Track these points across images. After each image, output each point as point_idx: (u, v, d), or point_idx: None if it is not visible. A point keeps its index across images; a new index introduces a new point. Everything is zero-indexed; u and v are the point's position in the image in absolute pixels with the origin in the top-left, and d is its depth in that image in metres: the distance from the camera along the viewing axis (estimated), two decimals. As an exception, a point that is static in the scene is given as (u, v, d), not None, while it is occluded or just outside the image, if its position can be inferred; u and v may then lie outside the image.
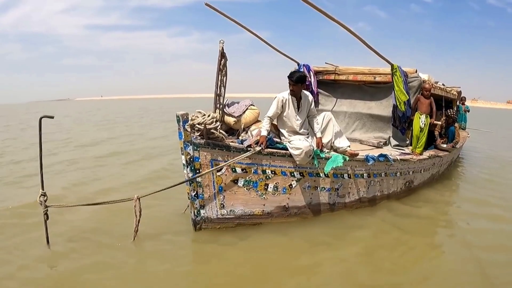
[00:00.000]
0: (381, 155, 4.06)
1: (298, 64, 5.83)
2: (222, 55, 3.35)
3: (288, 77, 3.59)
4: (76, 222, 3.66)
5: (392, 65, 4.53)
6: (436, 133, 5.55)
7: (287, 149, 3.51)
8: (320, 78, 6.05)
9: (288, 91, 3.69)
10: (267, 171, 3.53)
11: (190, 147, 3.24)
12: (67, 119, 19.70)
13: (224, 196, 3.47)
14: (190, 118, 3.23)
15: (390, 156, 4.14)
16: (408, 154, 4.69)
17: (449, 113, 5.29)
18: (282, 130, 3.82)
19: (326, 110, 6.00)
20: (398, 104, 4.63)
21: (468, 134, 8.17)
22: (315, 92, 6.05)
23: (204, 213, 3.44)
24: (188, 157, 3.26)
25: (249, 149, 3.37)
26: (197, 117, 3.31)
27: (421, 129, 4.67)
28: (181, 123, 3.16)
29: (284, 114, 3.73)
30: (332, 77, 5.88)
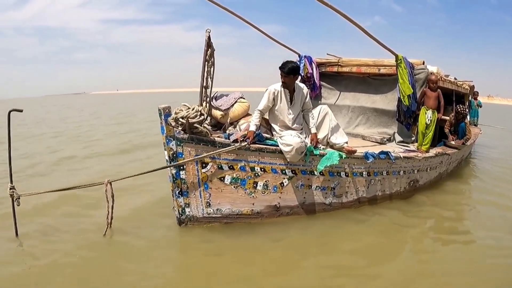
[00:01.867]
0: (382, 153, 3.78)
1: (299, 56, 5.56)
2: (209, 45, 3.11)
3: (280, 68, 3.34)
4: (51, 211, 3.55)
5: (396, 56, 4.22)
6: (446, 130, 5.19)
7: (277, 145, 3.27)
8: (323, 70, 5.77)
9: (281, 83, 3.45)
10: (255, 168, 3.30)
11: (173, 142, 3.05)
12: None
13: (210, 194, 3.28)
14: (174, 112, 3.06)
15: (392, 154, 3.85)
16: (413, 151, 4.38)
17: (459, 109, 4.93)
18: (273, 125, 3.57)
19: (329, 103, 5.73)
20: (402, 97, 4.31)
21: (481, 131, 7.72)
22: (318, 84, 5.77)
23: (189, 212, 3.26)
24: (171, 152, 3.07)
25: (234, 144, 3.15)
26: (181, 110, 3.13)
27: (427, 125, 4.35)
28: (162, 117, 2.98)
29: (276, 107, 3.49)
30: (335, 69, 5.58)
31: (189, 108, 3.16)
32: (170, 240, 3.23)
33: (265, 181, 3.35)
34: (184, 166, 3.15)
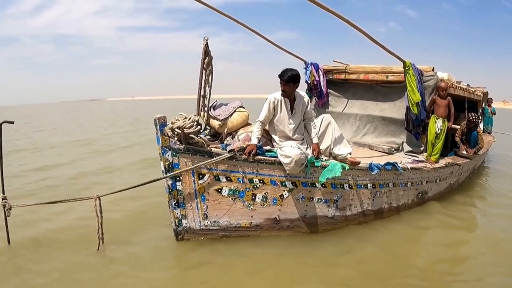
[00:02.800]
0: (388, 164, 3.61)
1: (306, 63, 5.45)
2: (206, 52, 3.06)
3: (279, 76, 3.23)
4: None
5: (404, 62, 4.06)
6: (458, 139, 4.97)
7: (276, 157, 3.16)
8: (330, 77, 5.63)
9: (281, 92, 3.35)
10: (254, 180, 3.20)
11: (169, 152, 3.00)
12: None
13: (207, 206, 3.19)
14: (171, 122, 3.01)
15: (399, 165, 3.68)
16: (422, 161, 4.19)
17: (471, 117, 4.71)
18: (273, 136, 3.46)
19: (336, 111, 5.60)
20: (410, 105, 4.14)
21: (494, 139, 7.39)
22: (325, 92, 5.64)
23: (186, 223, 3.18)
24: (167, 163, 3.01)
25: (232, 154, 3.07)
26: (178, 120, 3.07)
27: (437, 135, 4.16)
28: (158, 127, 2.91)
29: (276, 118, 3.38)
30: (342, 76, 5.44)
31: (186, 118, 3.09)
32: (166, 253, 3.15)
33: (264, 193, 3.24)
34: (181, 177, 3.08)
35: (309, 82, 5.43)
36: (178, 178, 3.08)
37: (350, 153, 3.42)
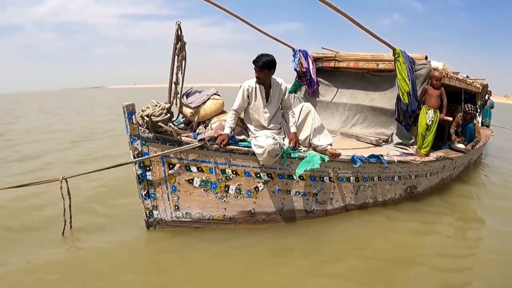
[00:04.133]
0: (372, 156, 3.41)
1: (294, 50, 5.21)
2: (178, 38, 2.87)
3: (253, 62, 3.02)
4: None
5: (394, 49, 3.82)
6: (452, 130, 4.75)
7: (250, 147, 2.98)
8: (320, 65, 5.39)
9: (255, 79, 3.16)
10: (226, 170, 3.02)
11: (138, 141, 2.85)
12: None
13: (178, 197, 3.05)
14: (141, 109, 2.87)
15: (384, 157, 3.47)
16: (411, 154, 3.97)
17: (467, 108, 4.47)
18: (248, 125, 3.27)
19: (325, 101, 5.39)
20: (401, 95, 3.91)
21: (492, 132, 7.11)
22: (315, 80, 5.41)
23: (157, 214, 3.05)
24: (136, 152, 2.87)
25: (201, 143, 2.90)
26: (148, 108, 2.92)
27: (428, 126, 3.93)
28: (126, 115, 2.76)
29: (250, 106, 3.18)
30: (332, 64, 5.20)
31: (156, 105, 2.94)
32: (137, 243, 3.02)
33: (238, 184, 3.07)
34: (151, 167, 2.93)
35: (297, 69, 5.20)
36: (148, 168, 2.94)
37: (330, 144, 3.22)
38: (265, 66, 2.97)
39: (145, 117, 2.86)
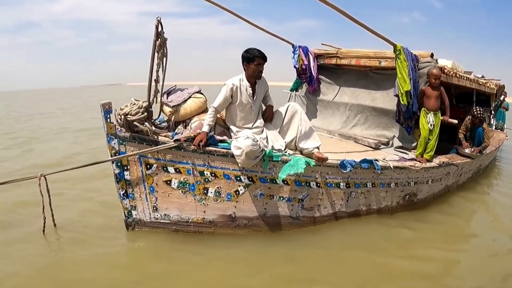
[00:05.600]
0: (364, 161, 3.17)
1: (293, 46, 4.98)
2: (158, 34, 2.74)
3: (258, 56, 2.91)
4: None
5: (394, 46, 3.54)
6: (461, 135, 4.42)
7: (229, 148, 2.82)
8: (322, 62, 5.14)
9: (240, 76, 3.00)
10: (205, 172, 2.88)
11: (115, 140, 2.78)
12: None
13: (156, 198, 2.95)
14: (120, 108, 2.80)
15: (377, 163, 3.23)
16: (411, 159, 3.70)
17: (475, 112, 4.13)
18: (231, 126, 3.10)
19: (326, 100, 5.16)
20: (400, 95, 3.64)
21: (507, 136, 6.62)
22: (315, 78, 5.18)
23: (136, 215, 2.99)
24: (113, 151, 2.81)
25: (177, 144, 2.78)
26: (126, 106, 2.84)
27: (430, 131, 3.64)
28: (103, 114, 2.70)
29: (237, 103, 3.03)
30: (333, 61, 4.94)
31: (134, 104, 2.84)
32: (116, 243, 2.97)
33: (217, 187, 2.92)
34: (128, 166, 2.85)
35: (297, 66, 4.98)
36: (125, 167, 2.87)
37: (318, 148, 3.01)
38: (266, 57, 2.93)
39: (122, 116, 2.78)
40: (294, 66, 5.06)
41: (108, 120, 2.74)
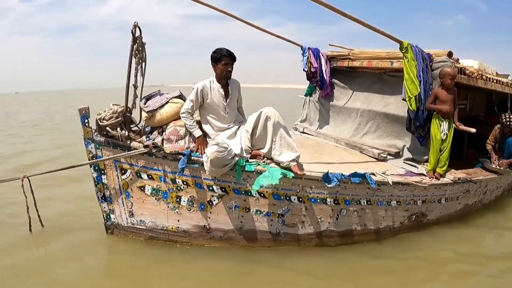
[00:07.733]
0: (355, 175, 2.81)
1: (302, 48, 4.69)
2: (135, 38, 2.72)
3: (227, 55, 2.80)
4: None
5: (401, 43, 3.13)
6: (489, 147, 3.81)
7: (200, 156, 2.69)
8: (334, 65, 4.78)
9: (210, 78, 2.85)
10: (177, 180, 2.78)
11: (92, 145, 2.84)
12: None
13: (132, 203, 2.97)
14: (98, 113, 2.83)
15: (372, 177, 2.86)
16: (420, 174, 3.25)
17: (505, 120, 3.52)
18: (207, 130, 2.97)
19: (338, 105, 4.79)
20: (407, 99, 3.21)
21: None
22: (328, 81, 4.83)
23: (114, 218, 3.02)
24: (91, 155, 2.87)
25: (147, 150, 2.72)
26: (105, 111, 2.87)
27: (443, 141, 3.16)
28: (80, 118, 2.76)
29: (208, 107, 2.90)
30: (345, 63, 4.56)
31: (110, 109, 2.86)
32: (95, 246, 3.03)
33: (190, 196, 2.81)
34: (105, 171, 2.88)
35: (306, 70, 4.68)
36: (103, 171, 2.91)
37: (295, 160, 2.72)
38: (235, 57, 2.82)
39: (98, 121, 2.80)
40: (304, 69, 4.76)
41: (86, 124, 2.78)
